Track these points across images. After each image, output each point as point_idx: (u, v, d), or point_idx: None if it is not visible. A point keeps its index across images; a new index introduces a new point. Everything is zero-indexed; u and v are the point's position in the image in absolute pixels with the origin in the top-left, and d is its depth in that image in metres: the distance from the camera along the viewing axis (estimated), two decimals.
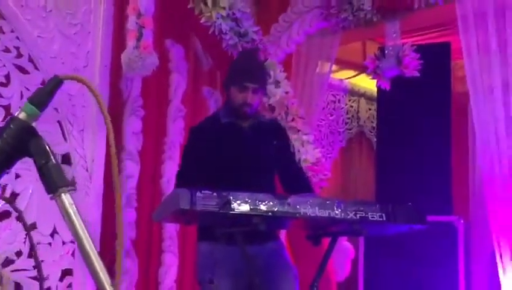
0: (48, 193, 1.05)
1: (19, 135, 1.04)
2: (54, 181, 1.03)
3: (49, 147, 1.04)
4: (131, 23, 4.62)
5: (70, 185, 1.03)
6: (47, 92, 1.08)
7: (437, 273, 5.45)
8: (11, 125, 1.04)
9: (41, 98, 1.07)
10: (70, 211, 1.03)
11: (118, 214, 1.07)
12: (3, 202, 4.12)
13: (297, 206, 3.08)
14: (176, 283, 4.93)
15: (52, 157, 1.05)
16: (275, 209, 3.05)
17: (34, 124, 1.04)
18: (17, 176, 4.30)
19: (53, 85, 1.09)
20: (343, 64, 6.61)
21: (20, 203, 4.34)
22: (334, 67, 6.13)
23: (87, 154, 4.63)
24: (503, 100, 4.71)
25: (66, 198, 1.03)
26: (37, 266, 4.30)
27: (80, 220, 1.03)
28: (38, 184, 2.59)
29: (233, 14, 4.82)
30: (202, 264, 3.71)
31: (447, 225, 5.46)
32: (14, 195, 4.35)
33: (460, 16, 4.96)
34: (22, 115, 1.05)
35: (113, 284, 0.97)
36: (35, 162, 1.04)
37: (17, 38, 4.51)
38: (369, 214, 3.16)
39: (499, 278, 4.65)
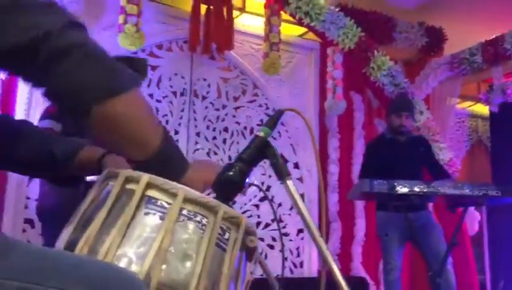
0: (278, 179, 1.02)
1: (260, 146, 1.02)
2: (281, 172, 0.99)
3: (276, 151, 1.01)
4: (329, 84, 4.61)
5: (290, 174, 1.00)
6: (274, 119, 1.06)
7: None
8: (255, 141, 1.03)
9: (272, 123, 1.05)
10: (293, 191, 0.99)
11: (322, 192, 1.01)
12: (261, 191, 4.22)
13: (439, 188, 2.83)
14: (365, 237, 4.74)
15: (279, 158, 1.02)
16: (424, 190, 2.82)
17: (268, 139, 1.02)
18: (270, 176, 4.38)
19: (278, 115, 1.06)
20: (465, 97, 6.07)
21: (272, 191, 4.41)
22: (458, 100, 5.64)
23: (308, 162, 4.62)
24: None
25: (289, 183, 0.99)
26: (278, 228, 4.36)
27: (298, 195, 0.98)
28: None
29: (391, 72, 4.63)
30: (380, 225, 3.54)
31: None
32: (268, 187, 4.44)
33: None
34: (261, 134, 1.03)
35: (321, 236, 0.91)
36: (270, 161, 1.01)
37: (266, 98, 4.62)
38: (489, 191, 2.83)
39: None
